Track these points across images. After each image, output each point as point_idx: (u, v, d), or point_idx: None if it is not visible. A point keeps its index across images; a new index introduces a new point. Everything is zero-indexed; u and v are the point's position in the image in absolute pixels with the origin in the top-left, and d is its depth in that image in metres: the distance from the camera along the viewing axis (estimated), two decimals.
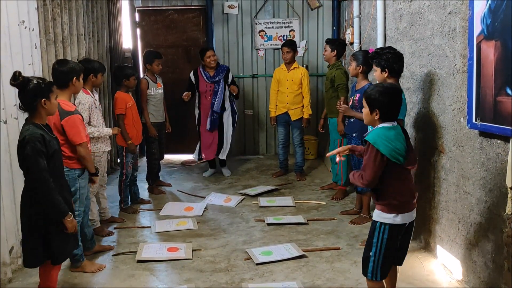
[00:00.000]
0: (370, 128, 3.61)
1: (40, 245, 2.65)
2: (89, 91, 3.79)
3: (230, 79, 5.61)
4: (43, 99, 2.59)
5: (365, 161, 2.42)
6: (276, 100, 5.62)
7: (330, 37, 6.53)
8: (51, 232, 2.66)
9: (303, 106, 5.49)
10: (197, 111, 5.69)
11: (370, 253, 2.46)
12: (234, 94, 5.61)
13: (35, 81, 2.58)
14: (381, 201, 2.45)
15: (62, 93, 3.11)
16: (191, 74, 5.61)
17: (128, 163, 4.57)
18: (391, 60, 3.26)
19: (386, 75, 3.30)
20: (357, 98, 4.11)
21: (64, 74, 3.13)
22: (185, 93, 5.49)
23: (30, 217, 2.64)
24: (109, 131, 3.89)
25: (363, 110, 2.53)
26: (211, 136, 5.66)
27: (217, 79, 5.50)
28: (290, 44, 5.46)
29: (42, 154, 2.53)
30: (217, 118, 5.57)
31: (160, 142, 5.27)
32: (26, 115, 2.68)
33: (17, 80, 2.54)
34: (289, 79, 5.46)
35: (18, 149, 2.58)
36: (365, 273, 2.52)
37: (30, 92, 2.56)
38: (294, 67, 5.47)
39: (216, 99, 5.50)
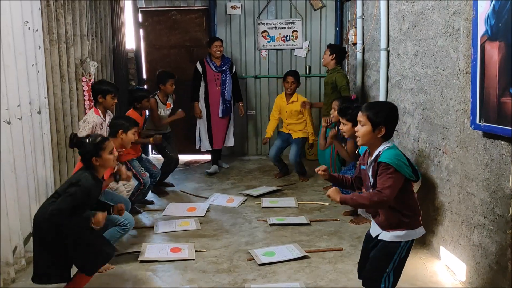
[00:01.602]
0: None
1: (55, 261, 2.73)
2: (100, 112, 3.93)
3: (233, 70, 5.93)
4: (94, 157, 2.79)
5: (384, 181, 2.26)
6: (274, 126, 5.76)
7: (333, 39, 6.55)
8: (70, 249, 2.73)
9: (304, 128, 5.60)
10: (203, 102, 5.81)
11: (387, 270, 2.39)
12: (240, 113, 6.08)
13: (86, 141, 2.82)
14: (405, 219, 2.38)
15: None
16: (198, 64, 5.83)
17: (139, 171, 4.49)
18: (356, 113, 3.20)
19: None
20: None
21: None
22: (197, 112, 5.80)
23: (45, 237, 2.71)
24: None
25: (362, 127, 2.38)
26: (222, 125, 5.89)
27: (224, 68, 5.77)
28: (295, 74, 5.50)
29: (77, 202, 2.65)
30: (229, 105, 5.84)
31: (172, 146, 5.33)
32: (33, 114, 2.84)
33: (73, 142, 2.85)
34: (288, 111, 5.56)
35: (70, 183, 2.75)
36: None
37: (82, 151, 2.83)
38: (293, 100, 5.53)
39: (226, 88, 5.76)
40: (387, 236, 2.42)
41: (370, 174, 2.42)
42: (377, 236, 2.47)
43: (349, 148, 4.13)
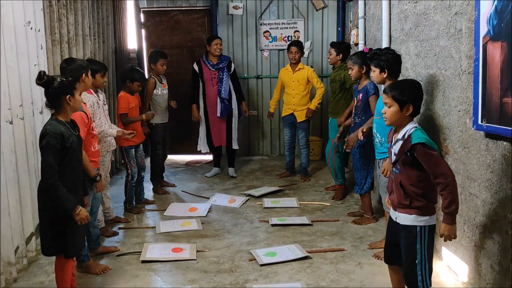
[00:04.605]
0: (375, 128, 3.62)
1: (55, 236, 2.73)
2: (92, 91, 3.81)
3: (232, 69, 5.73)
4: (68, 96, 2.71)
5: (434, 169, 2.28)
6: (277, 97, 5.69)
7: (335, 39, 6.54)
8: (64, 225, 2.73)
9: (307, 103, 5.50)
10: (202, 103, 5.72)
11: (416, 261, 2.38)
12: (245, 112, 5.87)
13: (59, 79, 2.71)
14: (418, 203, 2.38)
15: None
16: (194, 65, 5.71)
17: (131, 162, 4.55)
18: (390, 60, 3.27)
19: (385, 75, 3.30)
20: (360, 97, 4.11)
21: (73, 72, 3.17)
22: (196, 115, 5.67)
23: (44, 207, 2.73)
24: (114, 132, 3.91)
25: (389, 109, 2.45)
26: (219, 124, 5.73)
27: (220, 65, 5.61)
28: (298, 44, 5.47)
29: (55, 150, 2.62)
30: (227, 104, 5.65)
31: (164, 142, 5.28)
32: (35, 114, 2.79)
33: (42, 79, 2.66)
34: (295, 80, 5.46)
35: (39, 140, 2.70)
36: (413, 284, 2.40)
37: (55, 90, 2.68)
38: (300, 68, 5.47)
39: (223, 86, 5.59)
40: (400, 218, 2.45)
41: (394, 151, 2.48)
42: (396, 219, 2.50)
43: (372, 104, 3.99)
